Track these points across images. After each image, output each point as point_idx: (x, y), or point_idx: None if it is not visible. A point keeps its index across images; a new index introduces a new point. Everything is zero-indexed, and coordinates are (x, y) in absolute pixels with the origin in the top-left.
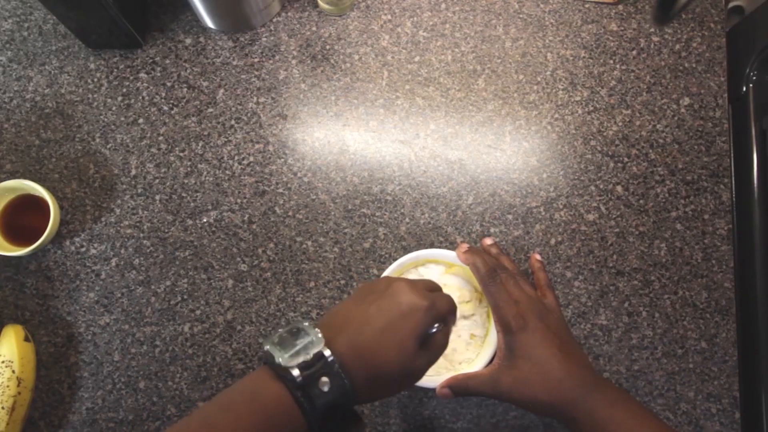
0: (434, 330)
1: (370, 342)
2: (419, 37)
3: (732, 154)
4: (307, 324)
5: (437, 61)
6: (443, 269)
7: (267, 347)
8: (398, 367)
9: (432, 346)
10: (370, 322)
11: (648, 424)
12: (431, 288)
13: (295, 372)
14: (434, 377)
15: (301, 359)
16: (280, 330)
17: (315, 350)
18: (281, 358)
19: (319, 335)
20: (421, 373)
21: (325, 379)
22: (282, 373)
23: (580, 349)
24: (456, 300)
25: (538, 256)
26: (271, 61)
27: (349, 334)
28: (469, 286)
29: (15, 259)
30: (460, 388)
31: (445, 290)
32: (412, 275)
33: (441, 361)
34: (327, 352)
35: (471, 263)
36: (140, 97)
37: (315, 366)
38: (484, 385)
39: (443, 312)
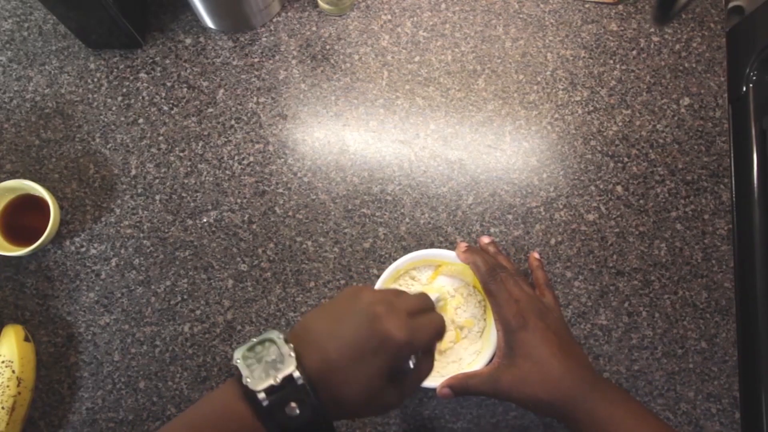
0: (411, 364)
1: (338, 370)
2: (419, 37)
3: (732, 154)
4: (280, 338)
5: (437, 61)
6: (430, 273)
7: (237, 361)
8: (364, 401)
9: (406, 380)
10: (342, 348)
11: (648, 423)
12: (418, 309)
13: (261, 395)
14: (435, 377)
15: (268, 383)
16: (252, 340)
17: (284, 373)
18: (249, 378)
19: (291, 354)
20: (393, 406)
21: (293, 404)
22: (249, 394)
23: (580, 348)
24: (452, 308)
25: (536, 255)
26: (271, 61)
27: (320, 354)
28: (462, 283)
29: (15, 259)
30: (461, 388)
31: (439, 293)
32: (405, 280)
33: (441, 361)
34: (296, 374)
35: (471, 262)
36: (140, 97)
37: (283, 390)
38: (484, 384)
39: (423, 344)
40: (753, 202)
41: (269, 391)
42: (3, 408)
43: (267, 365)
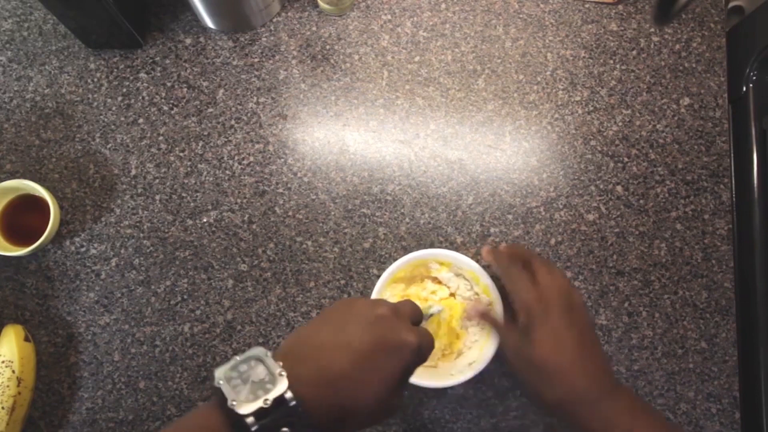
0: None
1: (349, 379)
2: (419, 37)
3: (732, 154)
4: (268, 355)
5: (437, 61)
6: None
7: (219, 382)
8: (374, 405)
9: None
10: (352, 356)
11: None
12: (417, 319)
13: (250, 420)
14: (433, 376)
15: (257, 405)
16: (235, 358)
17: (275, 394)
18: (234, 401)
19: (282, 373)
20: (393, 413)
21: (285, 429)
22: (234, 419)
23: (603, 352)
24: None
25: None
26: (271, 61)
27: (316, 366)
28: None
29: (15, 259)
30: (489, 317)
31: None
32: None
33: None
34: (289, 395)
35: (493, 257)
36: (140, 97)
37: (275, 413)
38: (509, 339)
39: (427, 350)
40: (753, 202)
41: (259, 415)
42: (3, 408)
43: (254, 386)
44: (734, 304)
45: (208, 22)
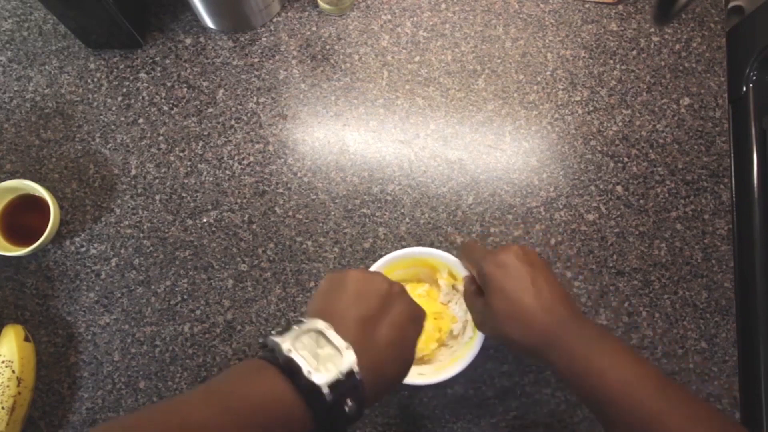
0: None
1: (383, 355)
2: (419, 37)
3: (732, 154)
4: (330, 329)
5: (437, 61)
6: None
7: (288, 353)
8: (400, 375)
9: None
10: (388, 327)
11: (624, 357)
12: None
13: (326, 390)
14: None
15: (333, 377)
16: (294, 328)
17: (346, 366)
18: (312, 371)
19: (350, 347)
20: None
21: (350, 402)
22: (309, 390)
23: (560, 286)
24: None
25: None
26: (271, 61)
27: (366, 347)
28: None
29: (15, 259)
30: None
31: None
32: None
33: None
34: (356, 368)
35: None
36: (140, 97)
37: (345, 386)
38: (475, 302)
39: (425, 320)
40: (753, 202)
41: (333, 386)
42: (3, 408)
43: (322, 358)
44: (734, 304)
45: (208, 22)
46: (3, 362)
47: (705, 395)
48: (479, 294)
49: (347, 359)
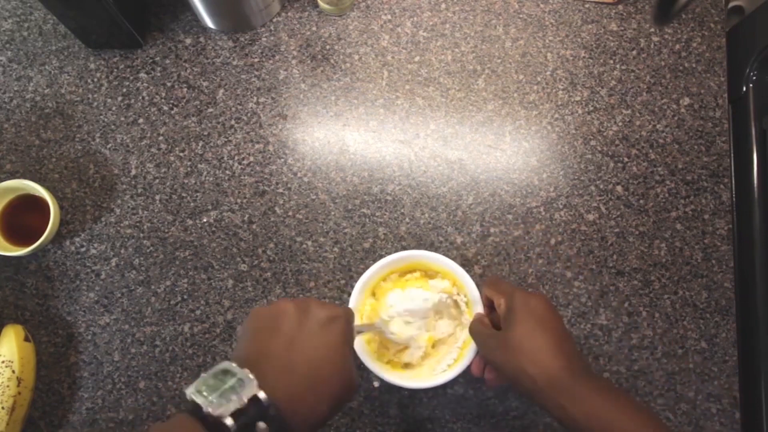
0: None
1: (303, 364)
2: (419, 37)
3: (732, 154)
4: (233, 365)
5: (437, 61)
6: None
7: (191, 396)
8: (338, 377)
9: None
10: (296, 345)
11: (632, 411)
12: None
13: (229, 421)
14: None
15: (234, 406)
16: (203, 375)
17: (248, 394)
18: (210, 406)
19: (250, 376)
20: (355, 387)
21: (262, 424)
22: (212, 422)
23: (573, 342)
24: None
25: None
26: (271, 61)
27: (276, 366)
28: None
29: (15, 259)
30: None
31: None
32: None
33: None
34: (261, 394)
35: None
36: (140, 97)
37: (250, 412)
38: (486, 335)
39: (351, 318)
40: (753, 202)
41: (237, 414)
42: (3, 408)
43: (226, 393)
44: (734, 304)
45: (208, 22)
46: (3, 362)
47: (705, 395)
48: (494, 326)
49: (248, 385)
